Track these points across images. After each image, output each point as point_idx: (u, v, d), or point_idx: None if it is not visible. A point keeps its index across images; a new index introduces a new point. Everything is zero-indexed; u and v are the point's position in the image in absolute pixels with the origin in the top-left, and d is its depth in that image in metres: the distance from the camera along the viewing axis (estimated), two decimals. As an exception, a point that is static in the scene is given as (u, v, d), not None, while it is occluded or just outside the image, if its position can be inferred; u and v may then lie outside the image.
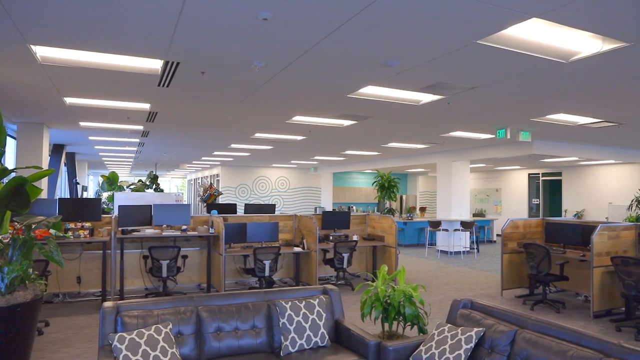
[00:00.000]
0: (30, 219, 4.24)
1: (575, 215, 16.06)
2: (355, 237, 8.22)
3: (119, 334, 2.95)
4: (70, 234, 6.46)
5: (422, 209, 17.18)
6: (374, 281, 4.46)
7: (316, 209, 20.54)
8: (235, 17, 3.56)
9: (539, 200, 18.15)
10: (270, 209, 8.66)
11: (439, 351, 3.06)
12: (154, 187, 16.29)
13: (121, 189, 17.16)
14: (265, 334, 3.48)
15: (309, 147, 13.07)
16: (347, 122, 8.47)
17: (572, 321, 6.04)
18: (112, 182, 16.43)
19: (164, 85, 5.76)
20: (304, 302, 3.59)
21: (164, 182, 31.74)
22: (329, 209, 19.85)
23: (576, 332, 2.82)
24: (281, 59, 4.64)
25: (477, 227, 13.02)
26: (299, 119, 8.18)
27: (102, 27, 3.81)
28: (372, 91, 6.01)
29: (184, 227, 7.22)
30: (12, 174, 4.26)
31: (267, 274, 6.80)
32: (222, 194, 13.68)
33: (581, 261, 6.75)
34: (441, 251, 12.93)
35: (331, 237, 8.25)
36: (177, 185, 38.32)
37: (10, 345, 3.73)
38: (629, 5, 3.22)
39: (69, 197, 15.43)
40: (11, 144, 9.30)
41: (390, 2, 3.24)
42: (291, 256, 8.08)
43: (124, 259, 6.75)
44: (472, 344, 3.04)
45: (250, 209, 8.63)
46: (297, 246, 7.66)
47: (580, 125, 8.18)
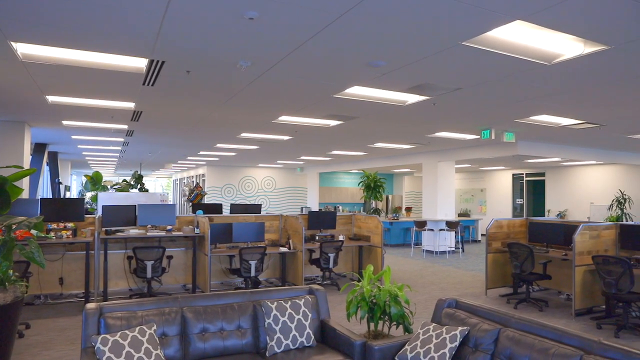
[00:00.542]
0: (10, 220, 4.17)
1: (558, 215, 16.31)
2: (341, 237, 8.24)
3: (102, 335, 2.91)
4: (52, 234, 6.35)
5: (408, 209, 17.30)
6: (359, 281, 4.48)
7: (302, 209, 20.52)
8: (221, 16, 3.54)
9: (522, 200, 18.38)
10: (256, 209, 8.64)
11: (424, 350, 3.09)
12: (139, 187, 16.12)
13: (105, 188, 16.96)
14: (250, 334, 3.47)
15: (295, 147, 13.05)
16: (333, 122, 8.48)
17: (554, 319, 6.14)
18: (95, 181, 16.24)
19: (148, 84, 5.70)
20: (289, 303, 3.59)
21: (149, 181, 31.47)
22: (315, 209, 19.86)
23: (558, 330, 2.87)
24: (267, 58, 4.63)
25: (462, 227, 13.16)
26: (285, 119, 8.16)
27: (85, 25, 3.75)
28: (358, 91, 6.02)
29: (169, 227, 7.16)
30: (-8, 174, 4.18)
31: (253, 274, 6.78)
32: (206, 194, 13.60)
33: (563, 260, 6.87)
34: (427, 251, 13.02)
35: (317, 237, 8.25)
36: (162, 185, 37.96)
37: (-11, 348, 3.66)
38: (610, 9, 3.28)
39: (51, 197, 15.20)
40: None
41: (376, 3, 3.25)
42: (277, 256, 8.06)
43: (108, 259, 6.67)
44: (457, 343, 3.08)
45: (236, 209, 8.59)
46: (283, 246, 7.65)
47: (562, 126, 8.31)
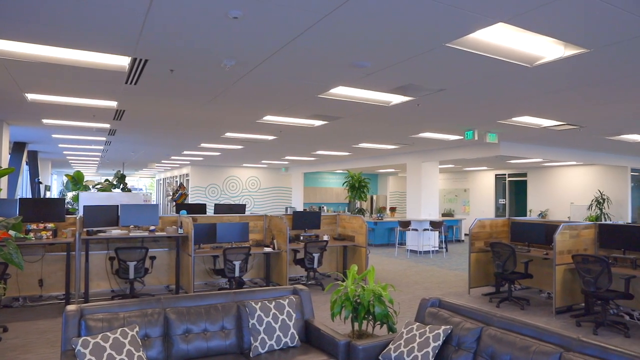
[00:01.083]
0: (-12, 220, 4.07)
1: (539, 214, 16.57)
2: (325, 237, 8.24)
3: (83, 338, 2.86)
4: (31, 235, 6.22)
5: (392, 209, 17.41)
6: (344, 281, 4.48)
7: (287, 209, 20.47)
8: (205, 14, 3.51)
9: (505, 200, 18.64)
10: (240, 209, 8.59)
11: (407, 349, 3.11)
12: (122, 186, 15.90)
13: (87, 188, 16.67)
14: (234, 335, 3.45)
15: (280, 147, 13.02)
16: (318, 122, 8.49)
17: (535, 317, 6.23)
18: (77, 181, 15.93)
19: (131, 82, 5.63)
20: (273, 303, 3.58)
21: (132, 181, 31.04)
22: (300, 209, 19.84)
23: (539, 328, 2.92)
24: (252, 58, 4.61)
25: (446, 227, 13.28)
26: (269, 118, 8.14)
27: (66, 21, 3.68)
28: (342, 92, 6.03)
29: (152, 227, 7.07)
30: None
31: (237, 274, 6.74)
32: (188, 194, 13.49)
33: (544, 259, 6.98)
34: (411, 251, 13.10)
35: (302, 237, 8.25)
36: (145, 185, 37.52)
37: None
38: (589, 13, 3.34)
39: (30, 197, 14.90)
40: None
41: (360, 4, 3.26)
42: (261, 256, 8.03)
43: (89, 260, 6.56)
44: (440, 342, 3.10)
45: (220, 209, 8.53)
46: (268, 246, 7.62)
47: (544, 127, 8.44)
